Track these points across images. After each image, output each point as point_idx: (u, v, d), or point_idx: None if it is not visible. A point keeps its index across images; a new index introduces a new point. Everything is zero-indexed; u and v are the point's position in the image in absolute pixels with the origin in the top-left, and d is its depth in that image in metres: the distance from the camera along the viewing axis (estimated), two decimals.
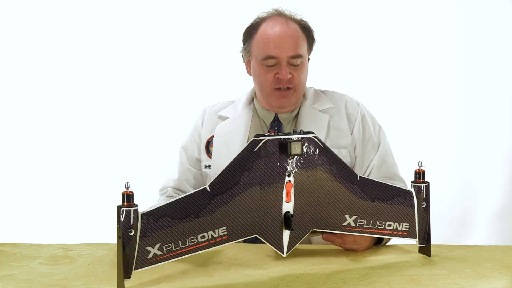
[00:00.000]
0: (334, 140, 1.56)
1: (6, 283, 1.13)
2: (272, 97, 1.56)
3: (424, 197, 1.28)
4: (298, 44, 1.54)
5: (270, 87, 1.55)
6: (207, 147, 1.64)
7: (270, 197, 1.13)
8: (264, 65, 1.54)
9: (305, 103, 1.62)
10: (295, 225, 1.15)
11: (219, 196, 1.10)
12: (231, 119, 1.64)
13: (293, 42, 1.53)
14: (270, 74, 1.54)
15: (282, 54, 1.51)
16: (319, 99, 1.64)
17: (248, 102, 1.66)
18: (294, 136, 1.13)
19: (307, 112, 1.60)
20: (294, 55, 1.52)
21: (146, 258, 1.07)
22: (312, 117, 1.59)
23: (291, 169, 1.14)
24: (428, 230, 1.30)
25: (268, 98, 1.58)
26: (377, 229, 1.26)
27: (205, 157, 1.64)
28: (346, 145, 1.58)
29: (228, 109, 1.68)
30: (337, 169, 1.19)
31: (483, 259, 1.27)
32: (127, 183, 1.07)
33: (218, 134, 1.63)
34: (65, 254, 1.31)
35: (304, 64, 1.56)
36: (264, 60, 1.53)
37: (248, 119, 1.63)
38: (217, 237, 1.11)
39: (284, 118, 1.61)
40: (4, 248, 1.35)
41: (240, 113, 1.64)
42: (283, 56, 1.51)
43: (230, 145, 1.58)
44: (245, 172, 1.11)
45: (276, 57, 1.52)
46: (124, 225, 1.05)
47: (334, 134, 1.58)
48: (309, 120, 1.59)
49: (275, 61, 1.53)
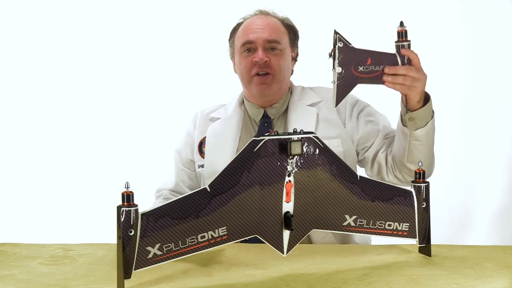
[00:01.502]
0: (324, 131, 1.58)
1: (6, 283, 1.13)
2: (252, 84, 1.60)
3: (424, 197, 1.28)
4: (275, 31, 1.60)
5: (249, 74, 1.59)
6: (200, 148, 1.67)
7: (270, 197, 1.13)
8: (243, 52, 1.60)
9: (292, 99, 1.66)
10: (295, 225, 1.15)
11: (219, 196, 1.10)
12: (222, 119, 1.67)
13: (270, 28, 1.59)
14: (248, 60, 1.59)
15: (258, 37, 1.58)
16: (306, 94, 1.67)
17: (239, 103, 1.70)
18: (294, 136, 1.13)
19: (295, 107, 1.64)
20: (270, 39, 1.58)
21: (146, 258, 1.07)
22: (300, 111, 1.62)
23: (291, 169, 1.14)
24: (428, 230, 1.30)
25: (249, 86, 1.61)
26: (377, 229, 1.25)
27: (198, 157, 1.67)
28: (338, 135, 1.60)
29: (220, 111, 1.72)
30: (337, 169, 1.19)
31: (483, 259, 1.27)
32: (127, 183, 1.07)
33: (210, 134, 1.66)
34: (65, 254, 1.31)
35: (284, 53, 1.61)
36: (243, 47, 1.60)
37: (239, 118, 1.66)
38: (217, 237, 1.11)
39: (273, 113, 1.64)
40: (4, 248, 1.35)
41: (231, 114, 1.68)
42: (259, 39, 1.58)
43: (222, 144, 1.62)
44: (245, 172, 1.11)
45: (252, 41, 1.58)
46: (124, 225, 1.05)
47: (323, 126, 1.60)
48: (298, 114, 1.62)
49: (252, 46, 1.59)
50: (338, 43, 1.31)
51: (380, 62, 1.35)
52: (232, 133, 1.63)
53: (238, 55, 1.63)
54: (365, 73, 1.34)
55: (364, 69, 1.34)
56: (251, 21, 1.62)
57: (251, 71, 1.59)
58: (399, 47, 1.37)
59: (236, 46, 1.64)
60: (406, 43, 1.36)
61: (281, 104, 1.65)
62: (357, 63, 1.33)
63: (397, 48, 1.37)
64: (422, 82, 1.37)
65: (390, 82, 1.36)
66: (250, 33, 1.59)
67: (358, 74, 1.34)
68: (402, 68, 1.35)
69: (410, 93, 1.38)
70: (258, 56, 1.57)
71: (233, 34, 1.67)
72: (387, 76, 1.35)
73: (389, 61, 1.36)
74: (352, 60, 1.32)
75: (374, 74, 1.35)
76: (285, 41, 1.62)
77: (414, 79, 1.35)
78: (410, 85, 1.36)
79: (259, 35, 1.58)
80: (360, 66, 1.33)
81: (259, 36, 1.58)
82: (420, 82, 1.37)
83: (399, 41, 1.37)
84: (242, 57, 1.61)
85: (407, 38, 1.37)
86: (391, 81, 1.35)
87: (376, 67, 1.35)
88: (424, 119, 1.43)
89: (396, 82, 1.35)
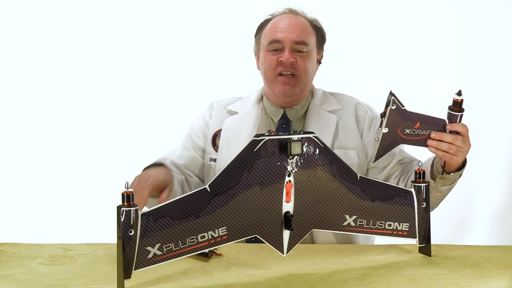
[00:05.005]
0: (342, 140, 1.57)
1: (6, 283, 1.13)
2: (276, 83, 1.57)
3: (424, 197, 1.28)
4: (304, 32, 1.56)
5: (273, 73, 1.56)
6: (214, 140, 1.64)
7: (270, 197, 1.13)
8: (269, 50, 1.57)
9: (313, 102, 1.63)
10: (295, 225, 1.15)
11: (219, 196, 1.10)
12: (240, 115, 1.64)
13: (298, 29, 1.56)
14: (274, 58, 1.56)
15: (286, 37, 1.54)
16: (327, 100, 1.64)
17: (258, 100, 1.66)
18: (294, 136, 1.13)
19: (315, 111, 1.61)
20: (298, 40, 1.55)
21: (146, 258, 1.07)
22: (320, 116, 1.60)
23: (291, 169, 1.14)
24: (428, 230, 1.30)
25: (271, 85, 1.58)
26: (377, 229, 1.26)
27: (211, 149, 1.64)
28: (354, 146, 1.58)
29: (237, 104, 1.68)
30: (337, 169, 1.19)
31: (483, 259, 1.27)
32: (127, 183, 1.07)
33: (226, 128, 1.63)
34: (65, 254, 1.31)
35: (310, 55, 1.58)
36: (269, 45, 1.57)
37: (257, 116, 1.63)
38: (217, 237, 1.11)
39: (292, 115, 1.62)
40: (4, 248, 1.35)
41: (250, 110, 1.64)
42: (287, 40, 1.54)
43: (237, 140, 1.57)
44: (245, 172, 1.11)
45: (280, 40, 1.55)
46: (124, 225, 1.05)
47: (342, 135, 1.58)
48: (317, 119, 1.59)
49: (279, 45, 1.55)
50: (391, 105, 1.29)
51: (428, 127, 1.33)
52: (249, 130, 1.59)
53: (263, 52, 1.59)
54: (410, 136, 1.33)
55: (411, 132, 1.33)
56: (280, 19, 1.58)
57: (275, 70, 1.56)
58: (451, 115, 1.34)
59: (263, 43, 1.60)
60: (459, 114, 1.33)
61: (302, 106, 1.62)
62: (405, 125, 1.32)
63: (449, 115, 1.34)
64: (465, 152, 1.36)
65: (434, 147, 1.33)
66: (278, 32, 1.55)
67: (403, 135, 1.33)
68: (449, 136, 1.32)
69: (451, 162, 1.37)
70: (285, 56, 1.53)
71: (260, 30, 1.63)
72: (432, 141, 1.33)
73: (437, 126, 1.33)
74: (400, 122, 1.31)
75: (419, 138, 1.34)
76: (312, 43, 1.58)
77: (458, 149, 1.33)
78: (453, 154, 1.34)
79: (287, 35, 1.54)
80: (408, 129, 1.32)
81: (287, 36, 1.54)
82: (463, 153, 1.35)
83: (453, 109, 1.33)
84: (267, 54, 1.57)
85: (461, 108, 1.33)
86: (435, 146, 1.33)
87: (423, 131, 1.33)
88: (454, 178, 1.42)
89: (440, 149, 1.33)
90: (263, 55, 1.59)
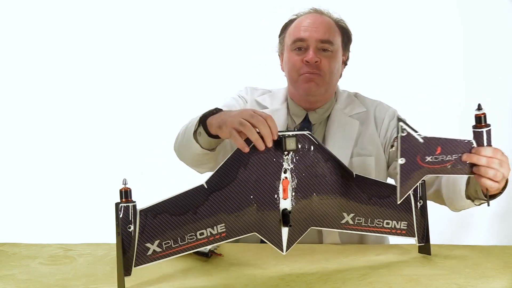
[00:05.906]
0: (361, 147, 1.55)
1: (6, 283, 1.13)
2: (299, 82, 1.54)
3: (421, 195, 1.28)
4: (329, 31, 1.54)
5: (297, 73, 1.54)
6: None
7: (267, 194, 1.13)
8: (293, 49, 1.54)
9: (336, 107, 1.60)
10: (293, 221, 1.15)
11: (216, 192, 1.10)
12: (269, 110, 1.58)
13: (323, 27, 1.53)
14: (298, 58, 1.53)
15: (310, 36, 1.52)
16: (351, 102, 1.62)
17: (284, 99, 1.64)
18: (288, 132, 1.13)
19: (337, 117, 1.58)
20: (323, 39, 1.52)
21: (145, 255, 1.07)
22: (342, 122, 1.57)
23: (287, 166, 1.14)
24: (427, 229, 1.29)
25: (295, 85, 1.56)
26: (375, 227, 1.25)
27: None
28: (372, 152, 1.55)
29: (266, 98, 1.65)
30: (333, 166, 1.19)
31: (483, 259, 1.27)
32: (125, 180, 1.07)
33: None
34: (65, 254, 1.31)
35: (336, 55, 1.55)
36: (293, 44, 1.54)
37: (284, 115, 1.60)
38: (216, 234, 1.11)
39: (315, 118, 1.59)
40: (4, 248, 1.35)
41: (278, 108, 1.61)
42: (312, 38, 1.52)
43: None
44: (241, 168, 1.11)
45: (304, 39, 1.52)
46: (122, 221, 1.05)
47: (362, 141, 1.56)
48: (339, 126, 1.57)
49: (303, 44, 1.53)
50: (400, 133, 1.15)
51: (453, 151, 1.19)
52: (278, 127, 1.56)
53: (287, 52, 1.57)
54: (434, 164, 1.18)
55: (433, 159, 1.18)
56: (304, 18, 1.56)
57: (300, 70, 1.53)
58: (476, 134, 1.22)
59: (287, 43, 1.57)
60: (485, 129, 1.22)
61: (325, 110, 1.59)
62: (424, 152, 1.17)
63: (475, 134, 1.22)
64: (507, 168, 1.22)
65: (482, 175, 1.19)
66: (302, 31, 1.53)
67: (425, 164, 1.17)
68: (489, 150, 1.20)
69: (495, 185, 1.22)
70: (309, 56, 1.50)
71: (284, 30, 1.60)
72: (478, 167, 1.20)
73: (464, 149, 1.20)
74: (418, 149, 1.16)
75: (446, 164, 1.20)
76: (337, 42, 1.55)
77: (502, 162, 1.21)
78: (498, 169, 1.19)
79: (312, 33, 1.51)
80: (428, 156, 1.17)
81: (312, 34, 1.51)
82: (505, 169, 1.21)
83: (477, 126, 1.22)
84: (291, 54, 1.54)
85: (486, 122, 1.22)
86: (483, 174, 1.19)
87: (447, 156, 1.19)
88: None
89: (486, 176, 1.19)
90: (287, 55, 1.57)
